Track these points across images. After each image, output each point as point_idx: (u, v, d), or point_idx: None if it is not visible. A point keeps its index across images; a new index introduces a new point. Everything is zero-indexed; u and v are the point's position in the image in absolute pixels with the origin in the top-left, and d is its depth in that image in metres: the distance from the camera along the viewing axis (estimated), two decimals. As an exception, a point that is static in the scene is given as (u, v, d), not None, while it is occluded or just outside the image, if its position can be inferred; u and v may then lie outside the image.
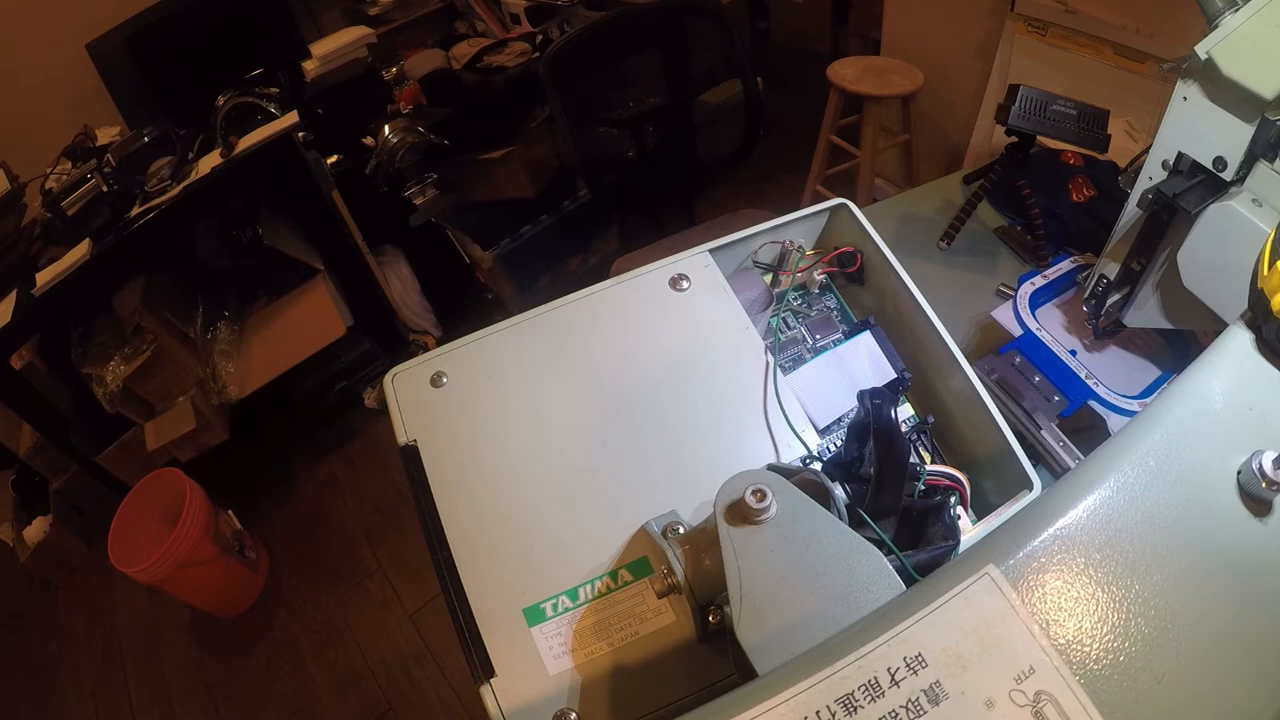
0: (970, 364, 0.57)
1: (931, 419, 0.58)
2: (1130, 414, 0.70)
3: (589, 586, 0.49)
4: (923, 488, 0.51)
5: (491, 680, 0.45)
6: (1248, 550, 0.32)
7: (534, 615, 0.48)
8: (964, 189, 1.15)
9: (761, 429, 0.55)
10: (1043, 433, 0.69)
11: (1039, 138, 0.92)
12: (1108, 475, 0.32)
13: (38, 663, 1.80)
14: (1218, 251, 0.59)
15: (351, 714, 1.55)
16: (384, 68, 1.99)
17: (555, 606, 0.48)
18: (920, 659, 0.28)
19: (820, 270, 0.66)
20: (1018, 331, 0.79)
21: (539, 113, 2.00)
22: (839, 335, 0.65)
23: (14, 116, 1.85)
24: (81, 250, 1.50)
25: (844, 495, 0.45)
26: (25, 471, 1.91)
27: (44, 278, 1.48)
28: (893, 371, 0.61)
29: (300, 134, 1.68)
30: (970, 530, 0.51)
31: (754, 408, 0.56)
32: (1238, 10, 0.53)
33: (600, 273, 1.74)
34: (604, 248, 2.30)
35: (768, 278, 0.66)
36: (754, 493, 0.37)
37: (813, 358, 0.62)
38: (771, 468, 0.45)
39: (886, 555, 0.37)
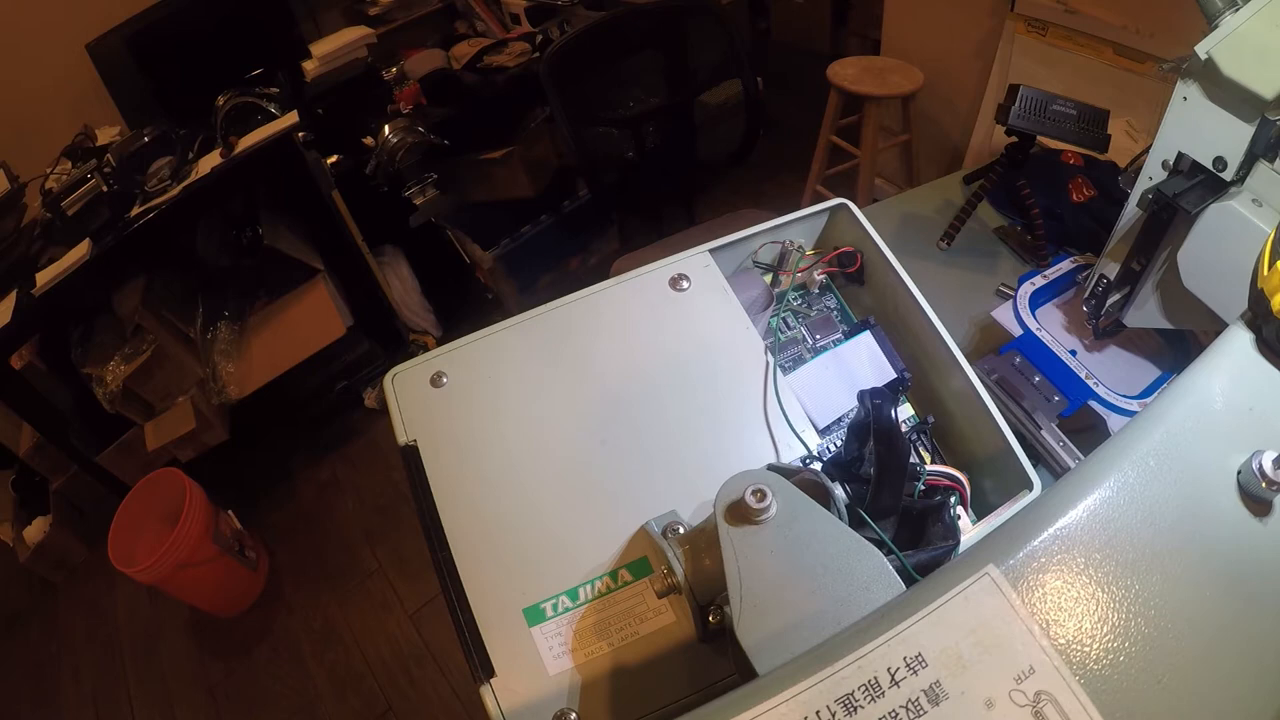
0: (970, 364, 0.57)
1: (931, 419, 0.58)
2: (1130, 414, 0.70)
3: (589, 586, 0.49)
4: (923, 488, 0.51)
5: (491, 680, 0.45)
6: (1248, 550, 0.32)
7: (534, 615, 0.48)
8: (964, 189, 1.15)
9: (761, 429, 0.55)
10: (1043, 433, 0.69)
11: (1039, 138, 0.92)
12: (1108, 475, 0.32)
13: (38, 663, 1.80)
14: (1218, 251, 0.59)
15: (351, 714, 1.54)
16: (384, 68, 1.99)
17: (555, 606, 0.48)
18: (920, 659, 0.28)
19: (820, 270, 0.66)
20: (1018, 331, 0.79)
21: (539, 113, 1.99)
22: (839, 335, 0.65)
23: (14, 116, 1.85)
24: (81, 250, 1.50)
25: (844, 495, 0.45)
26: (25, 471, 1.91)
27: (44, 278, 1.48)
28: (893, 371, 0.60)
29: (300, 134, 1.68)
30: (970, 530, 0.51)
31: (754, 408, 0.56)
32: (1238, 10, 0.53)
33: (600, 273, 1.73)
34: (604, 248, 2.30)
35: (768, 278, 0.66)
36: (754, 493, 0.37)
37: (813, 358, 0.62)
38: (771, 468, 0.45)
39: (886, 555, 0.37)
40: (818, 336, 0.65)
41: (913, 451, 0.56)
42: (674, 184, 1.68)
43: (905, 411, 0.61)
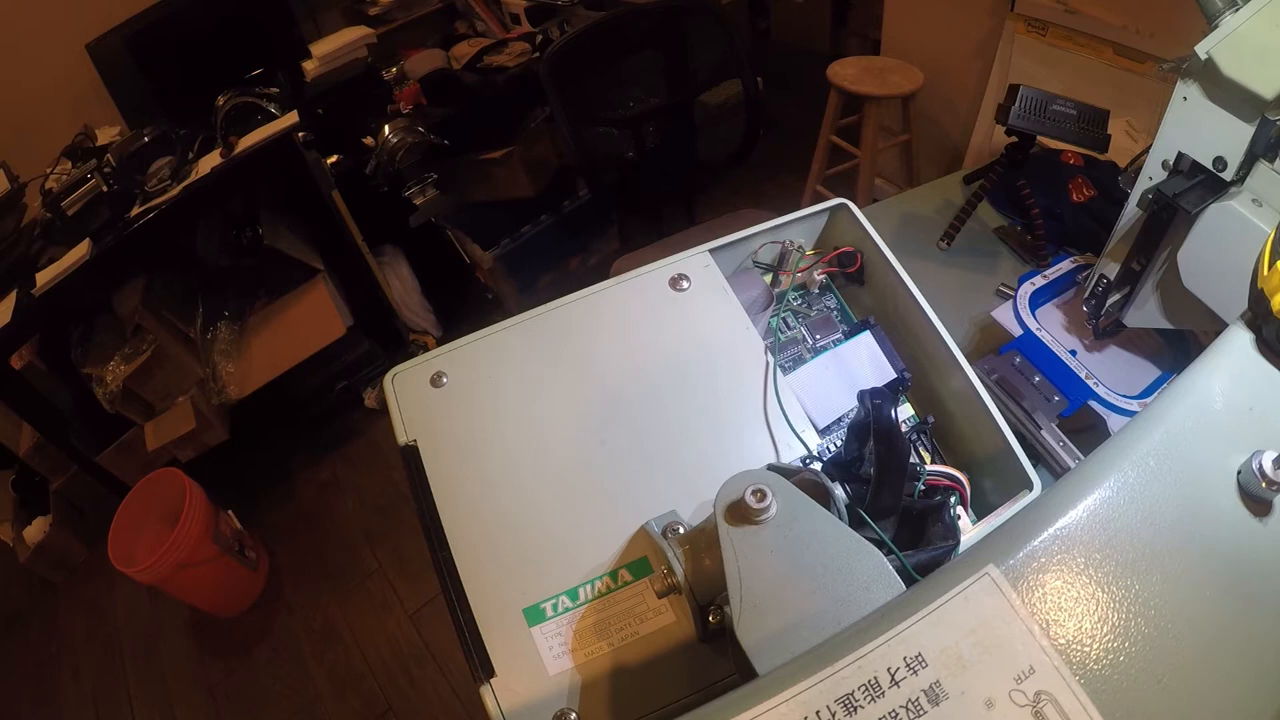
0: (970, 364, 0.57)
1: (931, 419, 0.58)
2: (1130, 414, 0.70)
3: (589, 586, 0.49)
4: (923, 488, 0.51)
5: (491, 680, 0.45)
6: (1248, 550, 0.32)
7: (534, 615, 0.48)
8: (964, 189, 1.15)
9: (761, 429, 0.55)
10: (1043, 433, 0.69)
11: (1039, 138, 0.92)
12: (1108, 475, 0.32)
13: (38, 663, 1.80)
14: (1218, 251, 0.59)
15: (351, 714, 1.54)
16: (384, 68, 1.99)
17: (555, 606, 0.48)
18: (920, 659, 0.28)
19: (820, 270, 0.66)
20: (1018, 331, 0.79)
21: (539, 113, 2.00)
22: (839, 335, 0.65)
23: (14, 116, 1.85)
24: (81, 250, 1.50)
25: (844, 495, 0.45)
26: (25, 471, 1.91)
27: (44, 278, 1.48)
28: (893, 371, 0.60)
29: (300, 134, 1.68)
30: (970, 530, 0.51)
31: (754, 408, 0.56)
32: (1238, 10, 0.53)
33: (600, 273, 1.73)
34: (604, 248, 2.30)
35: (768, 278, 0.66)
36: (754, 493, 0.37)
37: (813, 358, 0.62)
38: (771, 468, 0.45)
39: (886, 555, 0.37)
40: (818, 336, 0.65)
41: (913, 451, 0.56)
42: (674, 184, 1.68)
43: (905, 411, 0.61)
